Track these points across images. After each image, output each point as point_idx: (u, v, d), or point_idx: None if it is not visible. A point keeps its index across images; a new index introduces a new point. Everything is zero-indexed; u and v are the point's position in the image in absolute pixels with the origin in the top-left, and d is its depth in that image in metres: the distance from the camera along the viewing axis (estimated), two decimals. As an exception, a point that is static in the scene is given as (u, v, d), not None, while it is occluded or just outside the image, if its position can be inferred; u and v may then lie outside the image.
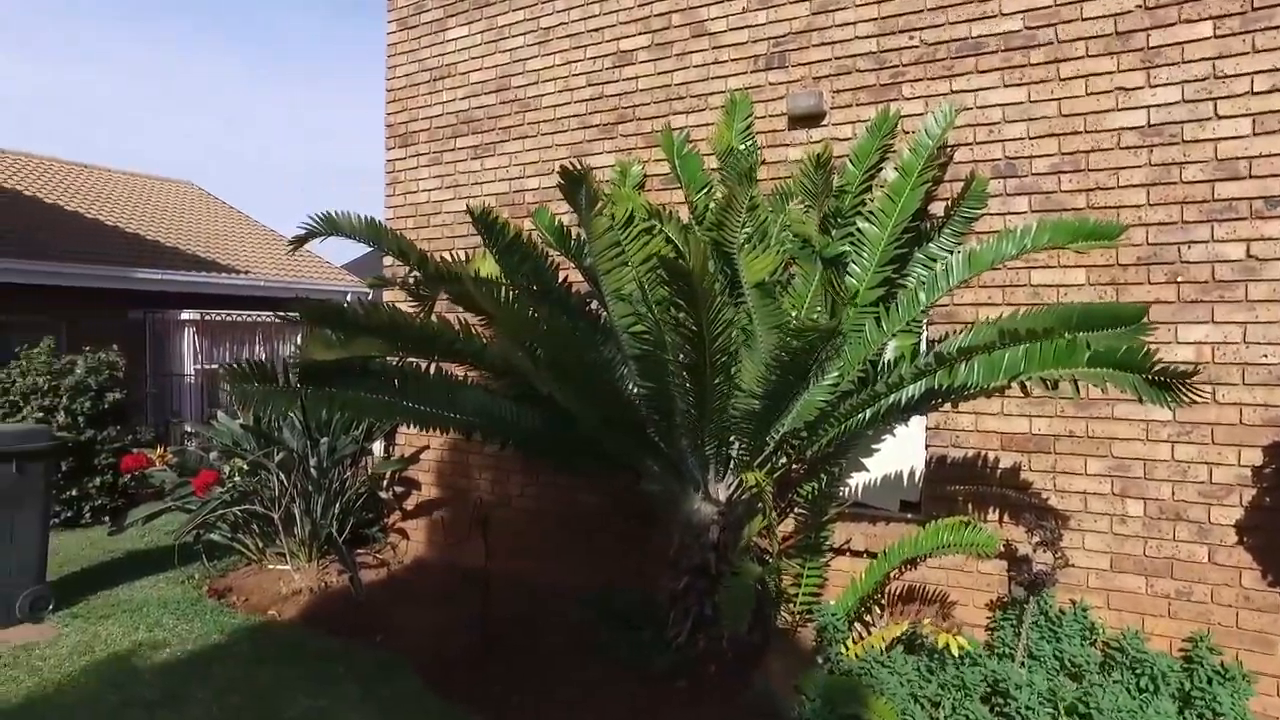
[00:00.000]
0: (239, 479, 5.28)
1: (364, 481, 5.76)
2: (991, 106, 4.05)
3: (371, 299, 11.04)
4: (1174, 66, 3.64)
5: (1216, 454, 3.57)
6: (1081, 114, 3.83)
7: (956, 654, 3.47)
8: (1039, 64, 3.93)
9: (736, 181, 3.62)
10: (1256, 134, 3.49)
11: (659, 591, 4.07)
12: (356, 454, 5.78)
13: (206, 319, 11.30)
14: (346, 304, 3.82)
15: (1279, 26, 3.46)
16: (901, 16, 4.26)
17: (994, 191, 4.03)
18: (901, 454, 4.37)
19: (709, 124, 4.78)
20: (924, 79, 4.22)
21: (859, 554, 4.31)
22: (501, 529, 4.85)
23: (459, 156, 5.79)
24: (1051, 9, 3.89)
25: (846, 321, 3.65)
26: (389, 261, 5.30)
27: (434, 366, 4.06)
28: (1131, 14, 3.72)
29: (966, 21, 4.10)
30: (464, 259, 4.09)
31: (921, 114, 4.15)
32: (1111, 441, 3.78)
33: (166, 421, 10.36)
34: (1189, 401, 2.98)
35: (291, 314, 3.78)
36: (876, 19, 4.33)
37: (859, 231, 3.99)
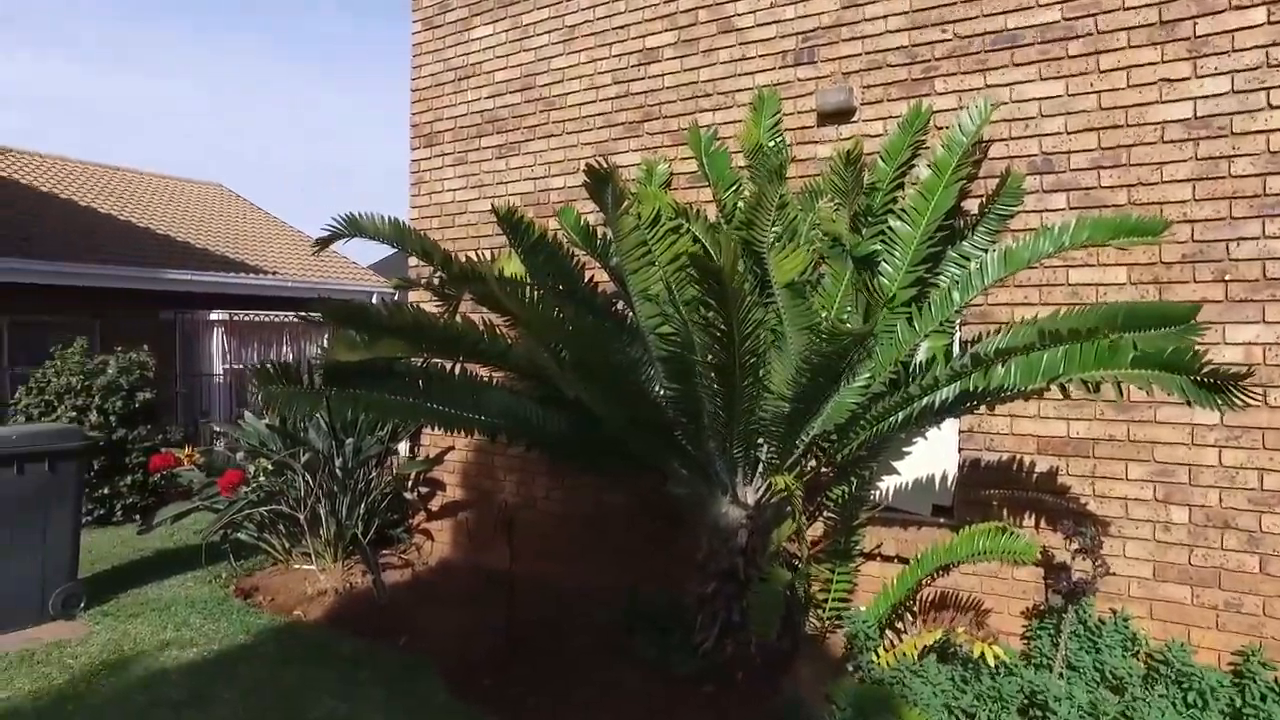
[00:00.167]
0: (263, 479, 5.30)
1: (389, 482, 5.76)
2: (1028, 100, 3.94)
3: (396, 299, 11.10)
4: (1223, 56, 3.50)
5: (1267, 459, 3.43)
6: (1123, 107, 3.70)
7: (992, 664, 3.37)
8: (1078, 56, 3.81)
9: (766, 179, 3.55)
10: (1310, 126, 3.35)
11: (686, 594, 4.02)
12: (382, 454, 5.79)
13: (235, 319, 11.43)
14: (370, 305, 3.80)
15: (1334, 14, 3.33)
16: (934, 9, 4.16)
17: (1030, 188, 3.92)
18: (933, 457, 4.26)
19: (736, 121, 4.71)
20: (957, 73, 4.12)
21: (889, 559, 4.22)
22: (527, 531, 4.82)
23: (484, 156, 5.77)
24: (1091, -1, 3.77)
25: (879, 322, 3.56)
26: (414, 262, 5.30)
27: (458, 367, 4.04)
28: (1177, 2, 3.60)
29: (1002, 13, 3.99)
30: (489, 259, 4.06)
31: (954, 109, 4.05)
32: (1154, 445, 3.65)
33: (196, 421, 10.48)
34: (1240, 404, 2.86)
35: (315, 314, 3.77)
36: (908, 12, 4.23)
37: (890, 230, 3.89)
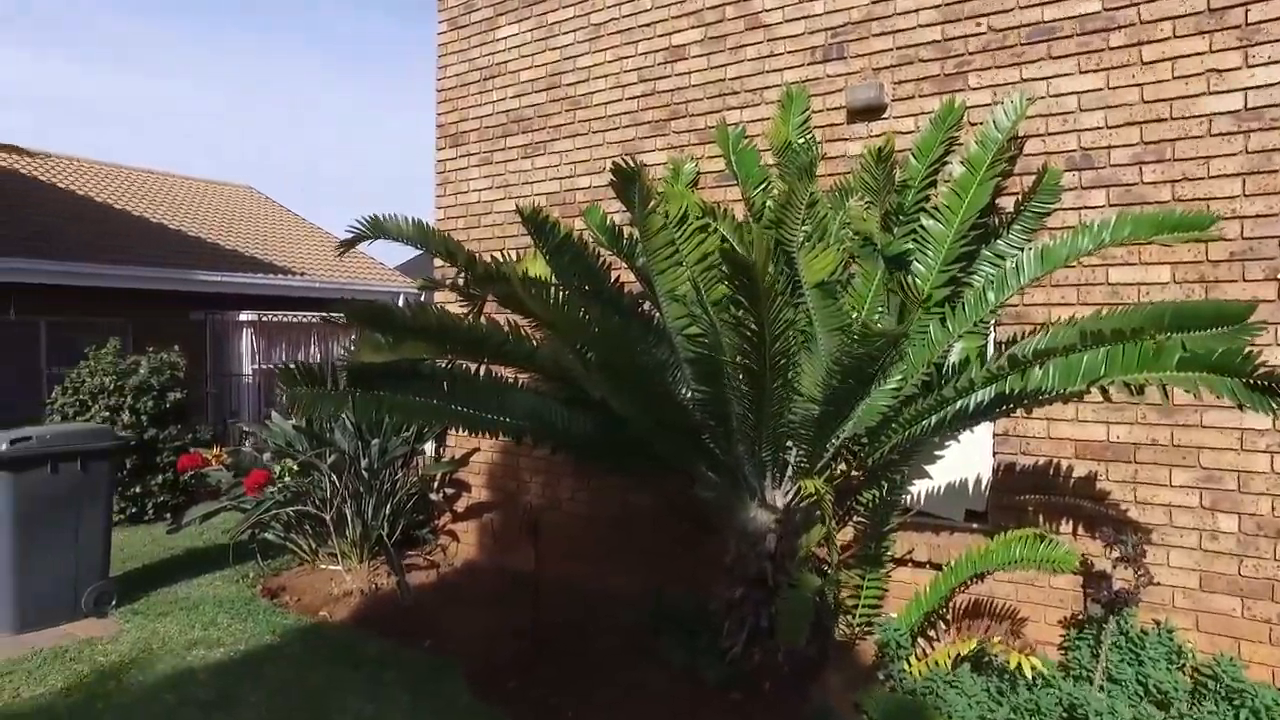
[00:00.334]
0: (289, 479, 5.32)
1: (415, 483, 5.76)
2: (1066, 95, 3.82)
3: (421, 300, 11.14)
4: (1277, 44, 3.36)
5: (1321, 466, 3.29)
6: (1167, 99, 3.58)
7: (1029, 675, 3.27)
8: (1119, 47, 3.69)
9: (796, 176, 3.49)
10: (1367, 118, 3.21)
11: (712, 597, 3.96)
12: (407, 455, 5.79)
13: (264, 320, 11.55)
14: (394, 306, 3.78)
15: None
16: (968, 3, 4.06)
17: (1068, 185, 3.80)
18: (967, 461, 4.16)
19: (764, 119, 4.63)
20: (991, 67, 4.01)
21: (921, 565, 4.12)
22: (552, 532, 4.78)
23: (509, 156, 5.75)
24: (1134, -12, 3.65)
25: (912, 323, 3.48)
26: (439, 263, 5.29)
27: (483, 369, 4.01)
28: (1225, -10, 3.47)
29: (1039, 5, 3.88)
30: (514, 259, 4.03)
31: (988, 105, 3.95)
32: (1200, 451, 3.52)
33: (225, 421, 10.61)
34: (1295, 409, 2.73)
35: (338, 315, 3.76)
36: (940, 5, 4.13)
37: (923, 228, 3.80)
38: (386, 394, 3.59)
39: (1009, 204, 3.92)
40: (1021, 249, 3.78)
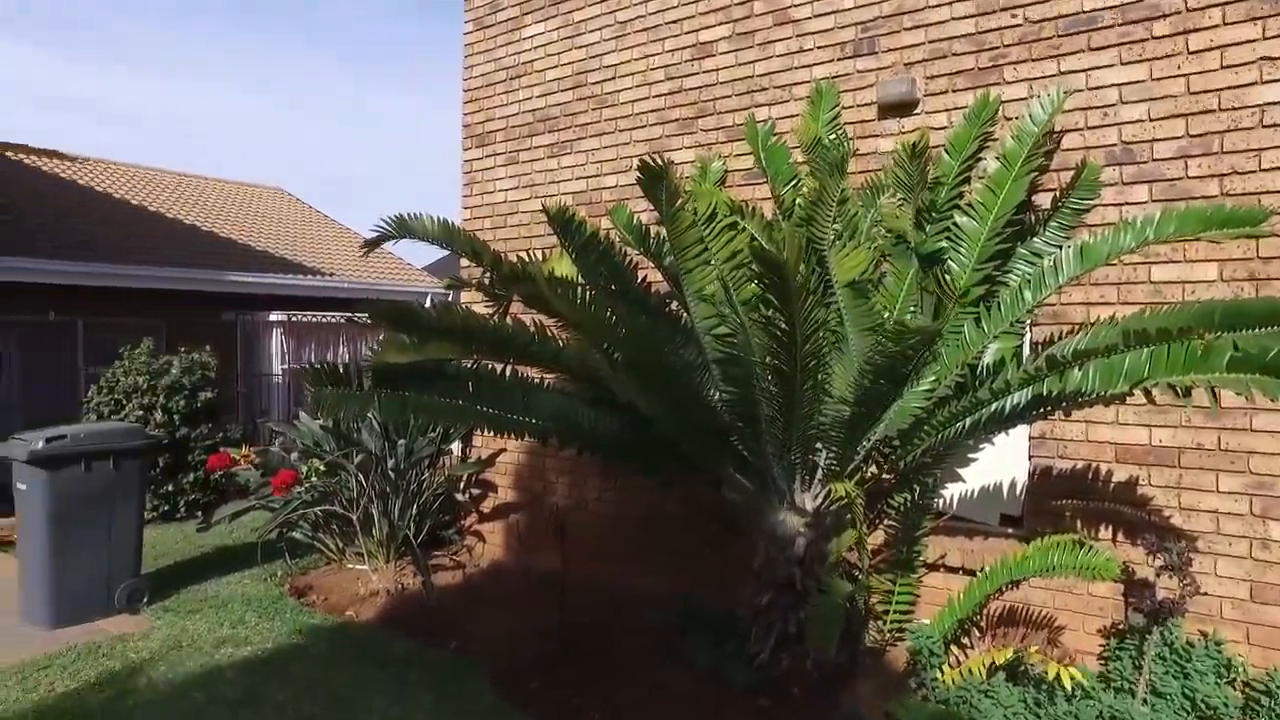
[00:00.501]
0: (316, 479, 5.35)
1: (441, 483, 5.76)
2: (1106, 87, 3.71)
3: (449, 300, 11.19)
4: (1331, 32, 3.23)
5: (1378, 472, 3.15)
6: (1215, 90, 3.45)
7: (1068, 686, 3.16)
8: (1163, 36, 3.56)
9: (827, 173, 3.41)
10: None
11: (739, 599, 3.90)
12: (434, 455, 5.79)
13: (293, 320, 11.67)
14: (418, 306, 3.77)
15: None
16: (1004, -7, 3.95)
17: (1108, 180, 3.68)
18: (1001, 464, 4.05)
19: (793, 116, 4.56)
20: (1028, 60, 3.90)
21: (954, 570, 4.02)
22: (578, 533, 4.75)
23: (535, 155, 5.73)
24: (1179, -24, 3.53)
25: (946, 322, 3.39)
26: (465, 263, 5.28)
27: (509, 369, 3.99)
28: (1276, -24, 3.33)
29: (1078, -5, 3.77)
30: (541, 259, 4.00)
31: (1024, 99, 3.84)
32: (1249, 455, 3.39)
33: (255, 420, 10.73)
34: (1353, 413, 2.61)
35: (363, 316, 3.76)
36: (975, -3, 4.03)
37: (957, 226, 3.70)
38: (412, 394, 3.58)
39: (1046, 201, 3.81)
40: (1059, 247, 3.67)
